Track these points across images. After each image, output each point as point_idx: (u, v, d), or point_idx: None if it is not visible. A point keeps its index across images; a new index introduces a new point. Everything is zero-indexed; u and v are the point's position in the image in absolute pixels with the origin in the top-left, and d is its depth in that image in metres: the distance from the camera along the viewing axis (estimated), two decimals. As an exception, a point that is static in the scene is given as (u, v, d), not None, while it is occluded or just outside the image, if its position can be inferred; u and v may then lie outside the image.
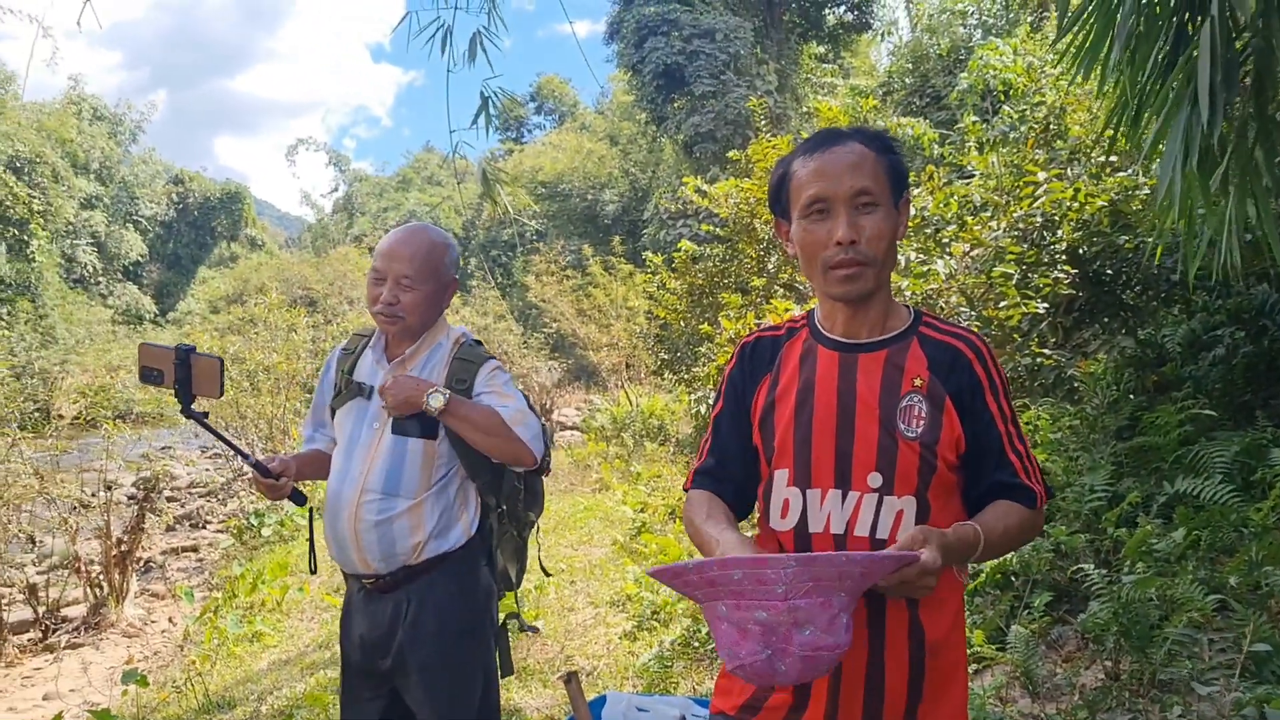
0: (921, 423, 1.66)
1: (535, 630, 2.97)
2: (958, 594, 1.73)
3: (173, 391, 2.43)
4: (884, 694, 1.64)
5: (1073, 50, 3.12)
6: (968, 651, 3.87)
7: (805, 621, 1.41)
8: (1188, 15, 2.82)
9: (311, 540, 2.84)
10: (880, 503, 1.66)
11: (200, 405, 2.50)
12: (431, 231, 2.60)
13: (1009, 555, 4.22)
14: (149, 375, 2.45)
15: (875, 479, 1.66)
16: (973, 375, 1.70)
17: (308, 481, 2.92)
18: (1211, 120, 2.50)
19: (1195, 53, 2.47)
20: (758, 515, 1.87)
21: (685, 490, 1.95)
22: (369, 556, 2.51)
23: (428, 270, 2.50)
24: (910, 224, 6.29)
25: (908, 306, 1.81)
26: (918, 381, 1.69)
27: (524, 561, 2.86)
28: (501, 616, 2.77)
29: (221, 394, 2.42)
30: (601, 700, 2.96)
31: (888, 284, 1.76)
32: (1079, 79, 3.31)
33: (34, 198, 30.72)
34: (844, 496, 1.68)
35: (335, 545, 2.57)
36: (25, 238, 30.34)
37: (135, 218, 41.10)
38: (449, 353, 2.59)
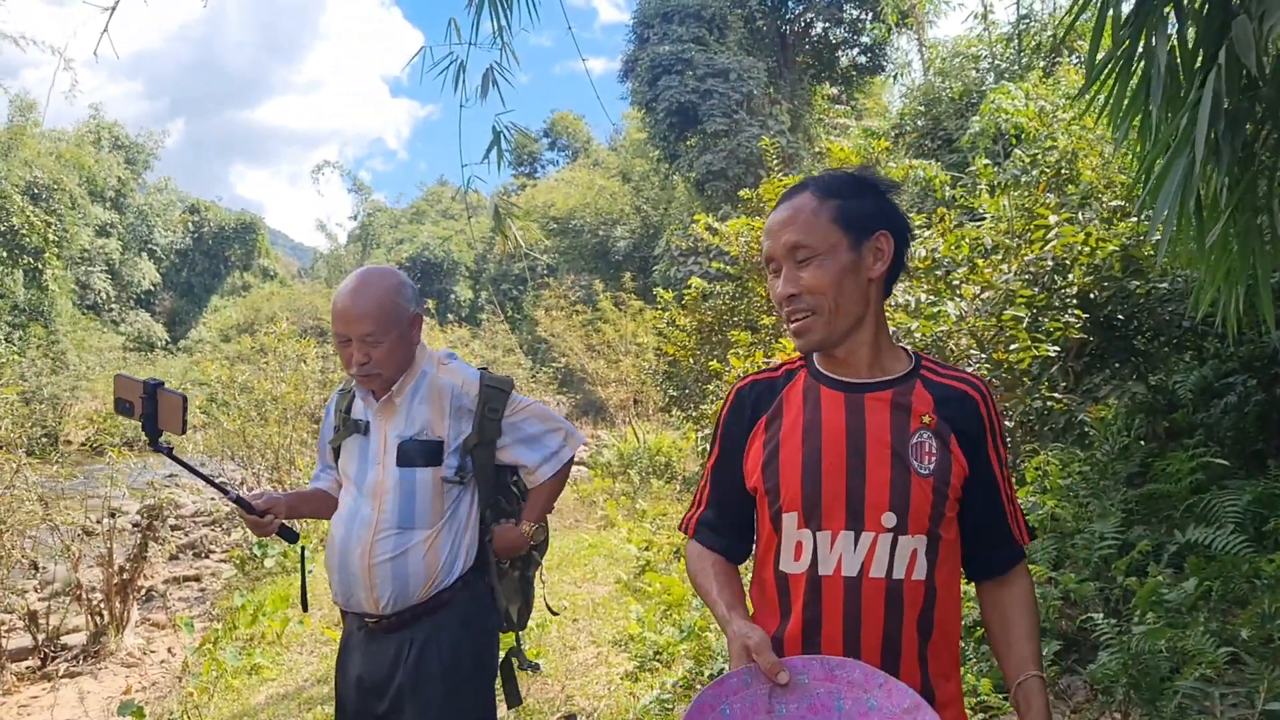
0: (933, 459, 1.67)
1: (536, 668, 2.93)
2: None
3: (140, 424, 2.43)
4: None
5: (1100, 103, 3.10)
6: (976, 699, 3.82)
7: None
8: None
9: (304, 578, 2.81)
10: (895, 543, 1.65)
11: (168, 440, 2.51)
12: (380, 277, 2.56)
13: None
14: (122, 406, 2.47)
15: (890, 519, 1.65)
16: (979, 419, 1.72)
17: (308, 520, 2.92)
18: (1215, 167, 2.49)
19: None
20: (754, 560, 1.87)
21: (682, 531, 1.96)
22: (379, 595, 2.48)
23: (387, 321, 2.48)
24: (920, 265, 6.32)
25: (906, 350, 1.80)
26: (926, 419, 1.69)
27: (528, 600, 2.82)
28: (504, 653, 2.74)
29: (184, 431, 2.41)
30: (599, 744, 2.91)
31: (864, 326, 1.74)
32: (1096, 130, 3.27)
33: (50, 225, 30.96)
34: (857, 537, 1.66)
35: (341, 584, 2.54)
36: (40, 265, 30.56)
37: (150, 246, 41.38)
38: (434, 376, 2.59)
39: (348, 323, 2.48)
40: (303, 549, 2.95)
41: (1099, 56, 2.93)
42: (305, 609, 2.84)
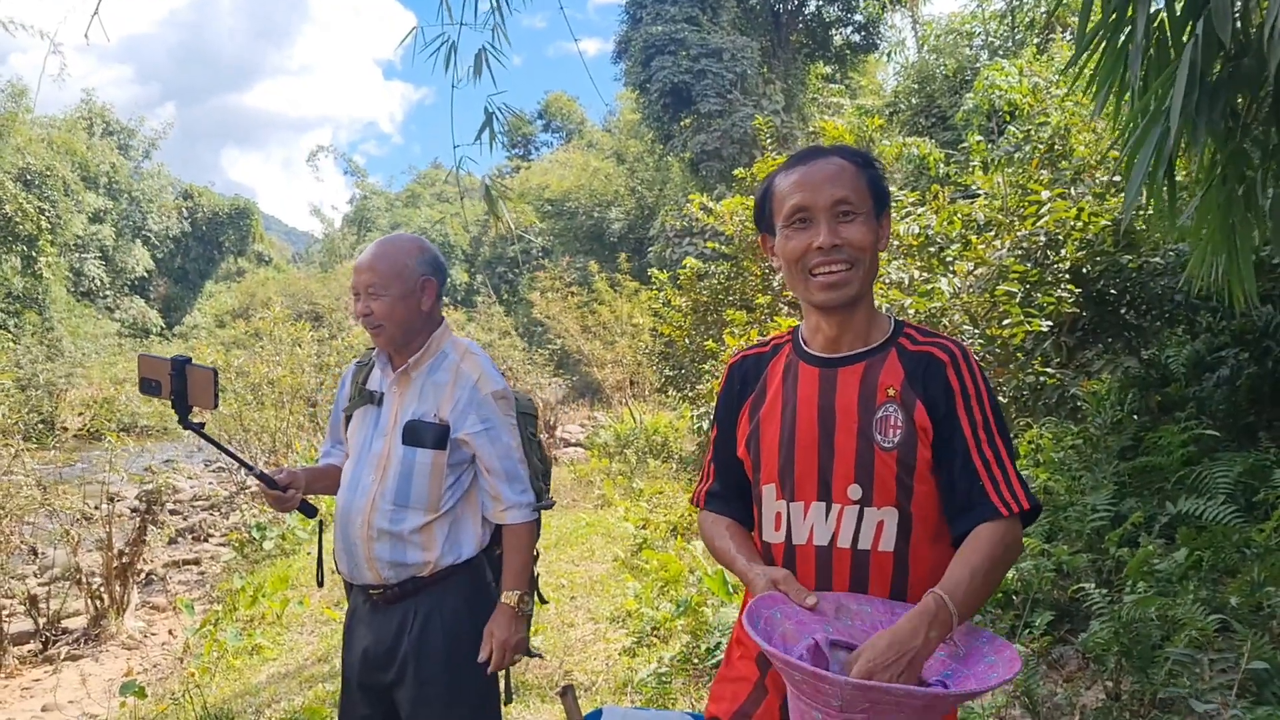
0: (897, 432, 1.69)
1: (539, 656, 2.96)
2: None
3: (169, 402, 2.44)
4: None
5: (1085, 76, 3.11)
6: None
7: None
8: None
9: (320, 553, 2.83)
10: (861, 514, 1.69)
11: (197, 416, 2.51)
12: (399, 239, 2.62)
13: (1009, 575, 4.21)
14: (148, 386, 2.47)
15: (855, 491, 1.69)
16: (945, 382, 1.71)
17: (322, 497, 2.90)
18: (1192, 137, 2.51)
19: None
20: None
21: (694, 505, 2.03)
22: (379, 566, 2.51)
23: (391, 274, 2.51)
24: (914, 242, 6.33)
25: (889, 317, 1.83)
26: (891, 391, 1.71)
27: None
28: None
29: (216, 405, 2.44)
30: (597, 714, 2.93)
31: (870, 294, 1.79)
32: (1088, 104, 3.28)
33: (43, 212, 30.85)
34: (827, 509, 1.71)
35: (345, 555, 2.57)
36: (34, 253, 30.47)
37: (144, 232, 41.19)
38: (456, 363, 2.57)
39: (358, 273, 2.55)
40: (320, 523, 2.96)
41: (1089, 27, 2.95)
42: (320, 584, 2.85)
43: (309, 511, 2.68)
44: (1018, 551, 1.71)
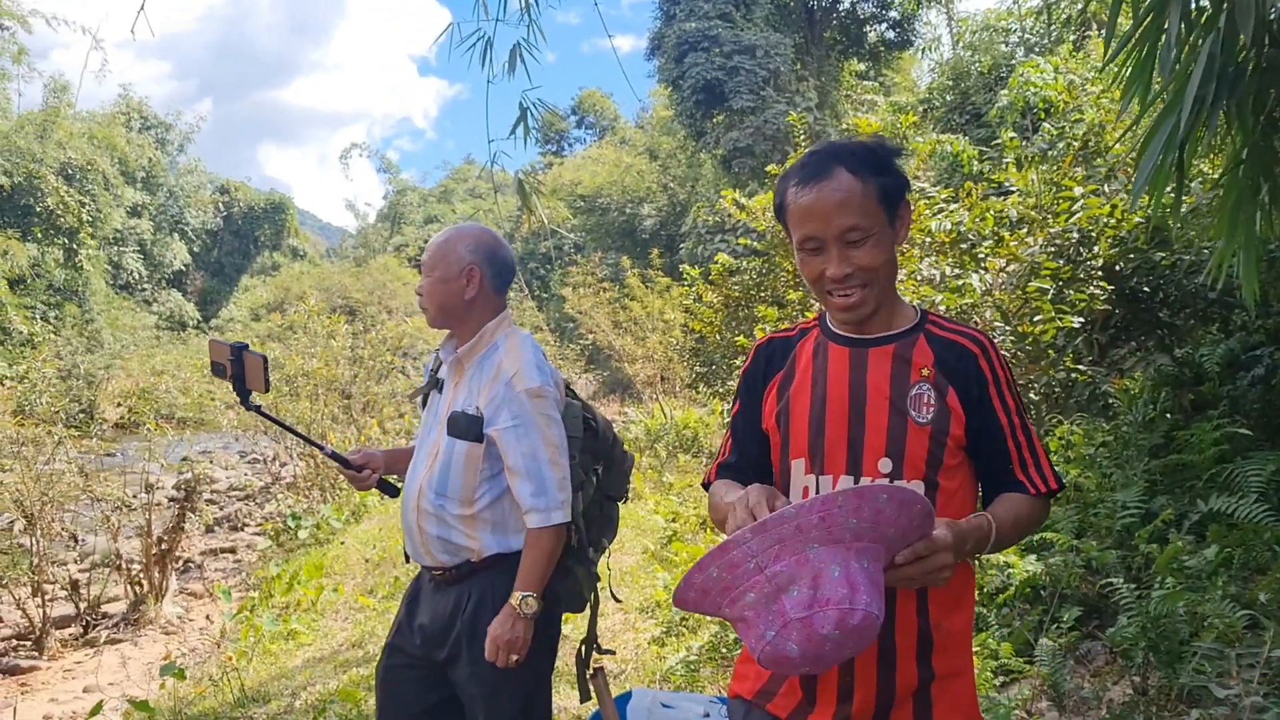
0: (931, 409, 1.74)
1: (610, 652, 3.01)
2: (962, 574, 1.77)
3: (231, 385, 2.62)
4: (895, 670, 1.69)
5: (1122, 74, 3.11)
6: (996, 663, 3.88)
7: (787, 584, 1.38)
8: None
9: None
10: None
11: (256, 399, 2.68)
12: (464, 226, 2.71)
13: (1038, 569, 4.22)
14: (217, 369, 2.67)
15: (885, 464, 1.73)
16: (979, 370, 1.78)
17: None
18: (1209, 128, 2.52)
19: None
20: None
21: (704, 486, 2.04)
22: (432, 549, 2.58)
23: (437, 257, 2.61)
24: (946, 239, 6.33)
25: (914, 306, 1.88)
26: (925, 372, 1.76)
27: (592, 582, 2.80)
28: (577, 644, 2.81)
29: (268, 388, 2.59)
30: (627, 696, 3.00)
31: (890, 288, 1.81)
32: (1127, 103, 3.25)
33: (84, 205, 31.33)
34: (855, 482, 1.74)
35: (406, 537, 2.66)
36: (75, 245, 30.96)
37: (181, 226, 41.69)
38: (501, 355, 2.57)
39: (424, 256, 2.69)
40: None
41: (1121, 29, 2.96)
42: (408, 560, 2.82)
43: (389, 491, 2.78)
44: (1040, 525, 1.85)
